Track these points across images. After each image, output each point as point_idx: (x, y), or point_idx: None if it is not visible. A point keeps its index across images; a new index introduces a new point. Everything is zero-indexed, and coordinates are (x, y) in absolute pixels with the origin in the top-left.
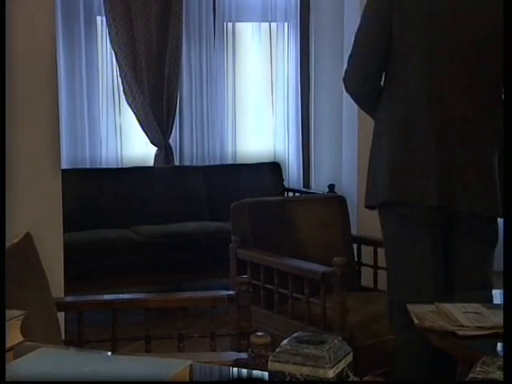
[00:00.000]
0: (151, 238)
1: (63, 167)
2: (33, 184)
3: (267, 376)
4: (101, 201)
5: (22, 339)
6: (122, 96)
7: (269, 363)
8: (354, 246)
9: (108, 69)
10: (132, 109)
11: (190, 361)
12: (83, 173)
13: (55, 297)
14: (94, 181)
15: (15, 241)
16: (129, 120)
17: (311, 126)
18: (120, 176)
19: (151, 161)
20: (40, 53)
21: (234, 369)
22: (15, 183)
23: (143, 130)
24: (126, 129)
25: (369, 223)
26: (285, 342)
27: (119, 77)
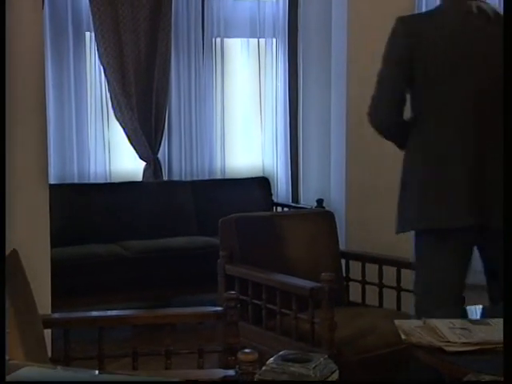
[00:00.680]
0: (139, 253)
1: (51, 182)
2: (20, 199)
3: None
4: (89, 216)
5: (8, 358)
6: (111, 111)
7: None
8: (343, 261)
9: (96, 84)
10: (120, 124)
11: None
12: (71, 188)
13: (42, 314)
14: (83, 196)
15: None
16: (117, 135)
17: (299, 141)
18: (108, 191)
19: (140, 176)
20: (28, 68)
21: None
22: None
23: (132, 145)
24: (115, 144)
25: (357, 238)
26: (271, 361)
27: (108, 92)
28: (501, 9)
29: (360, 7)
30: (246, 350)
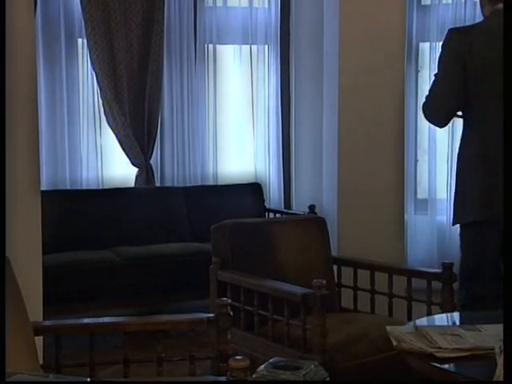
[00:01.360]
0: (131, 260)
1: (43, 188)
2: (11, 205)
3: None
4: (81, 222)
5: None
6: (103, 117)
7: None
8: (335, 267)
9: (89, 90)
10: (113, 130)
11: None
12: (63, 194)
13: (33, 321)
14: (75, 202)
15: None
16: (109, 141)
17: (292, 147)
18: (100, 197)
19: (132, 182)
20: (20, 74)
21: None
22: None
23: (124, 151)
24: (107, 150)
25: (349, 244)
26: (261, 368)
27: (100, 98)
28: None
29: (352, 16)
30: (238, 357)
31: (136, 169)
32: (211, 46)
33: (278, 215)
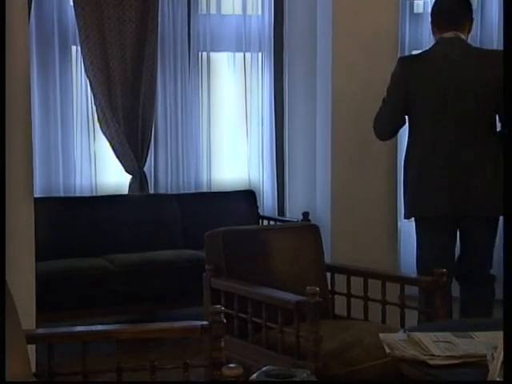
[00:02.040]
0: (125, 267)
1: (37, 195)
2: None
3: None
4: (74, 229)
5: None
6: (97, 124)
7: None
8: (328, 274)
9: (83, 97)
10: (106, 137)
11: None
12: (57, 201)
13: (25, 329)
14: (68, 209)
15: None
16: (103, 148)
17: (285, 154)
18: (94, 204)
19: (126, 189)
20: (14, 81)
21: None
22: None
23: (118, 158)
24: (101, 157)
25: (342, 251)
26: (254, 377)
27: (94, 105)
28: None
29: (345, 23)
30: (231, 365)
31: (130, 176)
32: (205, 54)
33: (272, 222)
